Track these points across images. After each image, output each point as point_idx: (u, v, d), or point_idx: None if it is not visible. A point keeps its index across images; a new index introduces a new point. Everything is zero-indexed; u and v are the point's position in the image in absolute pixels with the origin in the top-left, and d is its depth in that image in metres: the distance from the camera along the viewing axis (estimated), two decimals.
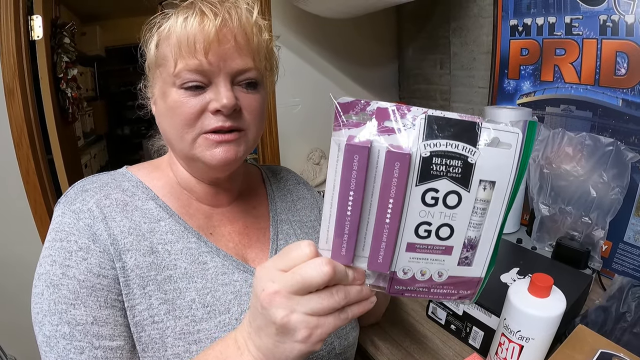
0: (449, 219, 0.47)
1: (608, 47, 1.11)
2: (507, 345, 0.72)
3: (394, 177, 0.44)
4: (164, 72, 0.68)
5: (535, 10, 1.27)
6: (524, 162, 0.45)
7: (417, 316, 1.03)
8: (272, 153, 1.87)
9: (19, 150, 1.48)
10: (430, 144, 0.44)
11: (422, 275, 0.50)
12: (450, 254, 0.49)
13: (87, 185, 0.72)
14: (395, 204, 0.45)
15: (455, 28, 1.71)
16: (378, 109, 0.44)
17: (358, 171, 0.43)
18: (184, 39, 0.65)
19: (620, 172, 1.04)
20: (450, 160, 0.44)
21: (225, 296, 0.72)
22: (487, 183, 0.46)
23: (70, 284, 0.62)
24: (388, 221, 0.46)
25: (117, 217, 0.68)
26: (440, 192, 0.45)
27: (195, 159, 0.71)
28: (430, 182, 0.45)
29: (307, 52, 1.86)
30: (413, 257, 0.49)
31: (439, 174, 0.44)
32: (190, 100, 0.67)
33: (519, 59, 1.36)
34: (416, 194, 0.45)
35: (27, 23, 1.52)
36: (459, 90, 1.76)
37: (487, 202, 0.46)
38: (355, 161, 0.43)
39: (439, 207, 0.46)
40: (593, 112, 1.18)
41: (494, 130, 0.44)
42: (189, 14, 0.66)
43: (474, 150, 0.44)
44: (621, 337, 0.86)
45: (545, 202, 1.18)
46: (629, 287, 0.97)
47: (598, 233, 1.08)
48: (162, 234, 0.72)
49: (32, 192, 1.54)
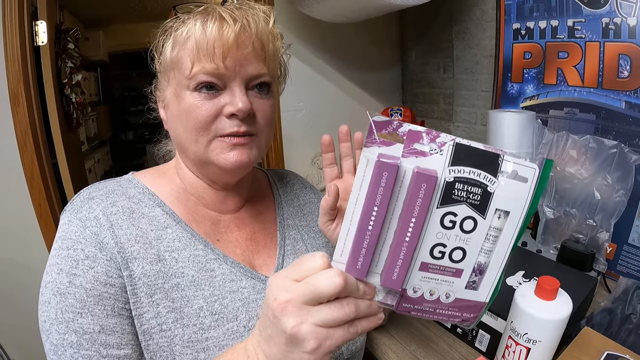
0: (463, 242, 0.49)
1: (611, 50, 1.12)
2: (514, 348, 0.72)
3: (419, 198, 0.46)
4: (179, 74, 0.69)
5: (537, 14, 1.28)
6: (537, 196, 0.48)
7: (422, 320, 1.03)
8: (277, 157, 1.87)
9: (23, 154, 1.49)
10: (455, 170, 0.46)
11: (430, 295, 0.52)
12: (459, 276, 0.51)
13: (93, 192, 0.72)
14: (417, 224, 0.47)
15: (458, 32, 1.72)
16: (410, 131, 0.46)
17: (385, 188, 0.45)
18: (203, 42, 0.66)
19: (625, 175, 1.04)
20: (471, 187, 0.47)
21: (233, 303, 0.72)
22: (502, 212, 0.48)
23: (77, 292, 0.62)
24: (408, 240, 0.48)
25: (123, 224, 0.68)
26: (458, 216, 0.48)
27: (209, 162, 0.71)
28: (450, 206, 0.47)
29: (310, 57, 1.87)
30: (425, 277, 0.50)
31: (460, 199, 0.47)
32: (205, 103, 0.68)
33: (522, 63, 1.36)
34: (436, 216, 0.47)
35: (31, 28, 1.53)
36: (462, 93, 1.76)
37: (500, 231, 0.49)
38: (383, 178, 0.45)
39: (456, 230, 0.48)
40: (596, 115, 1.18)
41: (514, 163, 0.47)
42: (208, 18, 0.66)
43: (494, 181, 0.47)
44: (627, 339, 0.85)
45: (549, 205, 1.18)
46: (634, 289, 0.97)
47: (603, 235, 1.08)
48: (169, 241, 0.71)
49: (37, 196, 1.54)
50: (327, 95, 1.96)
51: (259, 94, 0.71)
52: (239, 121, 0.69)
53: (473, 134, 1.75)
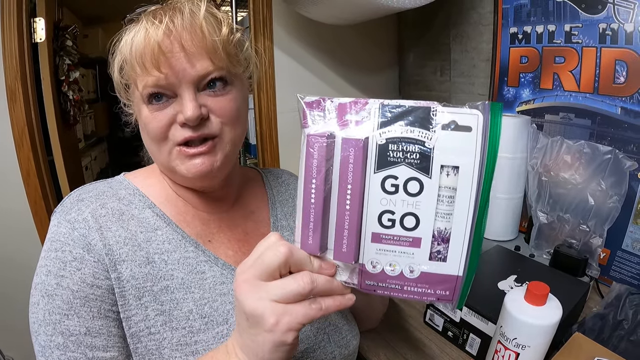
0: (412, 207, 0.46)
1: (607, 56, 1.12)
2: (503, 352, 0.72)
3: (349, 164, 0.45)
4: (134, 93, 0.69)
5: (535, 18, 1.28)
6: (492, 146, 0.43)
7: (414, 323, 1.03)
8: (272, 158, 1.87)
9: (20, 151, 1.49)
10: (385, 131, 0.45)
11: (392, 270, 0.48)
12: (419, 246, 0.47)
13: (83, 194, 0.71)
14: (353, 190, 0.46)
15: (455, 35, 1.72)
16: (339, 104, 0.46)
17: (318, 159, 0.45)
18: (135, 58, 0.64)
19: (619, 180, 1.04)
20: (407, 146, 0.44)
21: (223, 306, 0.70)
22: (450, 169, 0.44)
23: (64, 294, 0.61)
24: (348, 207, 0.47)
25: (112, 226, 0.67)
26: (399, 178, 0.45)
27: (174, 171, 0.70)
28: (388, 168, 0.45)
29: (308, 58, 1.87)
30: (380, 249, 0.48)
31: (397, 160, 0.45)
32: (157, 115, 0.66)
33: (518, 67, 1.36)
34: (375, 181, 0.46)
35: (29, 25, 1.53)
36: (458, 97, 1.77)
37: (454, 190, 0.45)
38: (314, 150, 0.45)
39: (400, 194, 0.45)
40: (592, 120, 1.18)
41: (449, 113, 0.43)
42: (134, 30, 0.65)
43: (430, 135, 0.44)
44: (618, 345, 0.86)
45: (543, 210, 1.18)
46: (626, 295, 0.97)
47: (596, 241, 1.08)
48: (159, 243, 0.70)
49: (33, 194, 1.54)
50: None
51: (212, 92, 0.67)
52: (190, 127, 0.66)
53: None
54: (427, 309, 1.00)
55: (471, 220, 0.45)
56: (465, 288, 0.49)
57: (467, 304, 0.88)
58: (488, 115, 0.43)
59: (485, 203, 0.45)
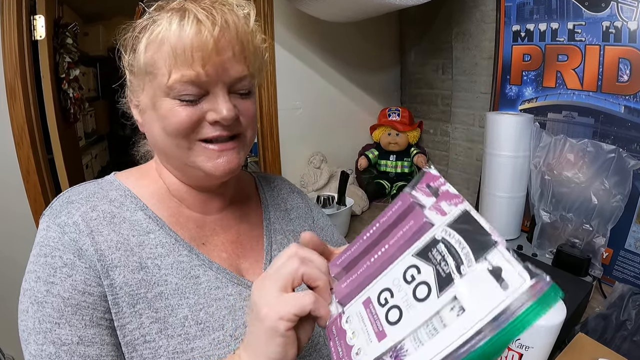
0: (405, 306, 0.42)
1: (611, 54, 1.11)
2: (506, 353, 0.71)
3: (402, 229, 0.45)
4: (155, 81, 0.65)
5: (537, 16, 1.27)
6: (513, 328, 0.33)
7: None
8: (273, 157, 1.87)
9: (19, 149, 1.49)
10: (448, 231, 0.41)
11: (350, 338, 0.46)
12: (379, 340, 0.43)
13: (72, 196, 0.69)
14: (388, 250, 0.46)
15: (457, 33, 1.71)
16: (447, 191, 0.45)
17: (394, 212, 0.46)
18: (180, 48, 0.62)
19: (622, 180, 1.03)
20: (448, 256, 0.40)
21: (219, 312, 0.69)
22: (459, 306, 0.37)
23: (55, 301, 0.60)
24: (372, 261, 0.47)
25: (104, 230, 0.65)
26: (420, 275, 0.42)
27: (195, 167, 0.69)
28: (422, 260, 0.42)
29: (309, 56, 1.86)
30: (360, 314, 0.46)
31: (432, 261, 0.41)
32: (185, 110, 0.65)
33: (521, 65, 1.36)
34: (405, 262, 0.44)
35: (29, 23, 1.52)
36: (460, 95, 1.76)
37: (444, 327, 0.38)
38: (397, 206, 0.46)
39: (409, 288, 0.42)
40: (595, 119, 1.17)
41: (504, 259, 0.36)
42: (184, 21, 0.62)
43: (472, 263, 0.38)
44: (621, 346, 0.85)
45: (546, 209, 1.17)
46: (629, 295, 0.97)
47: (599, 240, 1.07)
48: (152, 247, 0.68)
49: (32, 192, 1.54)
50: (324, 95, 1.96)
51: (241, 95, 0.69)
52: (222, 126, 0.67)
53: (471, 136, 1.75)
54: None
55: None
56: None
57: None
58: (534, 295, 0.33)
59: None
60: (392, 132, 1.92)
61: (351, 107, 2.05)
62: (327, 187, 1.88)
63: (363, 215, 1.78)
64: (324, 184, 1.87)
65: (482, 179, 1.33)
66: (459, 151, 1.84)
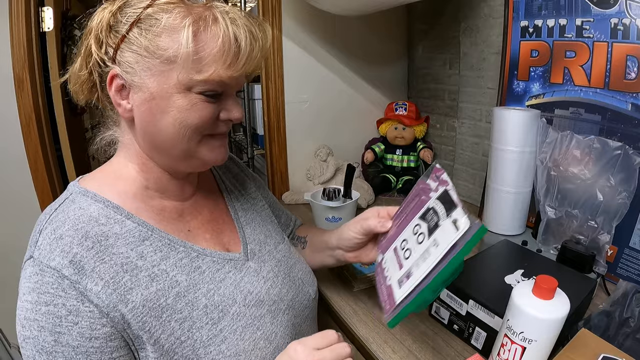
0: (413, 247, 0.71)
1: (619, 51, 1.11)
2: (509, 346, 0.72)
3: (415, 203, 0.78)
4: (184, 72, 0.65)
5: (546, 12, 1.27)
6: (461, 251, 0.60)
7: (420, 315, 1.03)
8: (280, 149, 1.87)
9: (27, 140, 1.50)
10: (435, 202, 0.72)
11: (385, 271, 0.76)
12: (399, 269, 0.72)
13: (58, 229, 0.65)
14: (407, 217, 0.77)
15: (465, 28, 1.70)
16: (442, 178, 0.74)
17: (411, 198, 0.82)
18: (234, 48, 0.67)
19: (628, 177, 1.03)
20: (434, 216, 0.70)
21: (227, 290, 0.77)
22: (436, 241, 0.66)
23: (65, 351, 0.60)
24: (398, 224, 0.80)
25: (105, 257, 0.65)
26: (420, 229, 0.72)
27: (196, 157, 0.74)
28: (422, 220, 0.73)
29: (316, 49, 1.86)
30: (391, 257, 0.77)
31: (427, 220, 0.71)
32: (208, 106, 0.70)
33: (528, 61, 1.35)
34: (414, 222, 0.75)
35: (37, 14, 1.53)
36: (467, 90, 1.76)
37: (429, 255, 0.65)
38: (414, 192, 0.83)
39: (414, 237, 0.72)
40: (602, 116, 1.17)
41: (460, 213, 0.64)
42: (235, 26, 0.67)
43: (445, 218, 0.67)
44: (624, 343, 0.85)
45: (551, 205, 1.17)
46: (633, 293, 0.97)
47: (604, 237, 1.07)
48: (152, 254, 0.71)
49: (40, 183, 1.55)
50: (332, 88, 1.96)
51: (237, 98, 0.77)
52: (228, 125, 0.76)
53: (477, 131, 1.75)
54: (433, 302, 1.00)
55: (423, 278, 0.64)
56: (399, 315, 0.67)
57: (474, 298, 0.88)
58: (471, 233, 0.60)
59: (439, 284, 0.63)
60: (398, 126, 1.92)
61: (358, 101, 2.05)
62: (333, 180, 1.88)
63: (369, 208, 1.77)
64: (330, 177, 1.88)
65: (488, 174, 1.33)
66: (465, 146, 1.83)
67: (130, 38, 0.65)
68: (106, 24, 0.66)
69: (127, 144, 0.77)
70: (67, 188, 0.74)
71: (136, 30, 0.65)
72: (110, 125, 0.80)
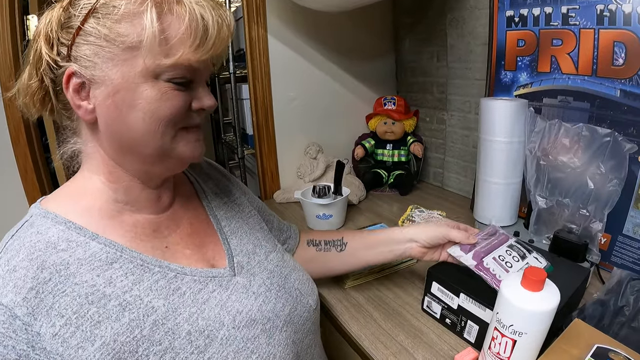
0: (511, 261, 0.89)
1: (605, 37, 1.10)
2: (500, 339, 0.71)
3: (499, 237, 0.96)
4: (150, 56, 0.60)
5: (531, 1, 1.26)
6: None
7: (412, 310, 1.03)
8: (269, 147, 1.86)
9: (16, 148, 1.49)
10: (515, 241, 0.96)
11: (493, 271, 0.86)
12: (506, 273, 0.87)
13: (12, 260, 0.57)
14: (495, 243, 0.93)
15: (451, 20, 1.69)
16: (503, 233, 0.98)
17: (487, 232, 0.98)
18: (201, 28, 0.60)
19: (618, 164, 1.02)
20: (519, 249, 0.94)
21: (212, 312, 0.68)
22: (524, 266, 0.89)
23: None
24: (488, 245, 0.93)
25: (67, 289, 0.57)
26: (512, 252, 0.92)
27: (172, 155, 0.67)
28: (509, 249, 0.93)
29: (302, 46, 1.85)
30: (494, 262, 0.88)
31: (515, 249, 0.93)
32: (179, 95, 0.63)
33: (515, 50, 1.34)
34: (504, 247, 0.93)
35: (22, 23, 1.52)
36: (455, 82, 1.75)
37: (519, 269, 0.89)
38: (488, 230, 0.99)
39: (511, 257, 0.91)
40: (591, 103, 1.16)
41: (536, 255, 0.94)
42: (199, 5, 0.61)
43: (529, 254, 0.93)
44: (619, 332, 0.85)
45: (542, 195, 1.16)
46: (627, 281, 0.96)
47: (596, 225, 1.07)
48: (122, 278, 0.63)
49: (31, 190, 1.54)
50: (319, 85, 1.95)
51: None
52: (201, 115, 0.69)
53: (467, 123, 1.74)
54: (425, 296, 0.99)
55: None
56: None
57: (465, 291, 0.88)
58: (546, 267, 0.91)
59: None
60: (388, 121, 1.91)
61: (346, 97, 2.04)
62: (324, 178, 1.87)
63: (360, 204, 1.77)
64: (321, 174, 1.87)
65: (478, 166, 1.32)
66: (455, 139, 1.83)
67: (86, 29, 0.59)
68: (57, 21, 0.61)
69: (90, 153, 0.70)
70: (29, 210, 0.68)
71: (92, 21, 0.59)
72: (69, 136, 0.72)
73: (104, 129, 0.65)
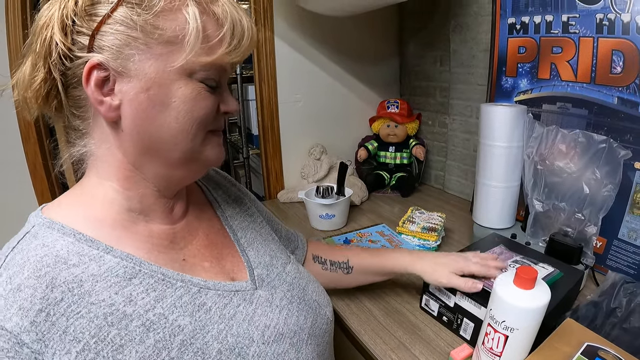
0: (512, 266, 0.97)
1: (604, 46, 1.12)
2: (492, 335, 0.74)
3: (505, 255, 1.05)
4: (190, 50, 0.55)
5: (532, 9, 1.28)
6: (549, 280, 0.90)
7: (410, 308, 1.05)
8: (274, 148, 1.89)
9: (26, 144, 1.50)
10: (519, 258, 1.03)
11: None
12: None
13: (15, 277, 0.49)
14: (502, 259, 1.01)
15: (455, 26, 1.72)
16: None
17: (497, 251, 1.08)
18: (239, 30, 0.59)
19: (613, 169, 1.05)
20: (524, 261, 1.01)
21: (240, 327, 0.63)
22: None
23: None
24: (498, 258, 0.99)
25: (82, 310, 0.50)
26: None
27: (199, 159, 0.64)
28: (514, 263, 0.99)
29: (308, 49, 1.88)
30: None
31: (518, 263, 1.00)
32: (210, 97, 0.60)
33: (516, 57, 1.37)
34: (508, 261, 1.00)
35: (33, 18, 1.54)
36: (458, 87, 1.78)
37: None
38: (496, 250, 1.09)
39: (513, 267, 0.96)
40: (589, 110, 1.19)
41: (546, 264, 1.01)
42: (232, 6, 0.59)
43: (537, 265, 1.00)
44: (611, 332, 0.87)
45: (539, 198, 1.19)
46: (621, 284, 0.98)
47: (591, 229, 1.09)
48: (143, 296, 0.56)
49: (39, 186, 1.56)
50: (324, 87, 1.98)
51: None
52: (225, 119, 0.67)
53: (468, 127, 1.77)
54: (423, 294, 1.02)
55: None
56: None
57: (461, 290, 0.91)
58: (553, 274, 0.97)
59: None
60: (391, 123, 1.93)
61: (351, 100, 2.07)
62: (327, 178, 1.90)
63: (362, 205, 1.80)
64: (324, 175, 1.89)
65: (477, 169, 1.34)
66: (456, 142, 1.85)
67: (116, 17, 0.53)
68: (75, 7, 0.54)
69: (102, 156, 0.62)
70: (28, 219, 0.60)
71: (123, 9, 0.53)
72: (76, 138, 0.63)
73: (129, 128, 0.58)
